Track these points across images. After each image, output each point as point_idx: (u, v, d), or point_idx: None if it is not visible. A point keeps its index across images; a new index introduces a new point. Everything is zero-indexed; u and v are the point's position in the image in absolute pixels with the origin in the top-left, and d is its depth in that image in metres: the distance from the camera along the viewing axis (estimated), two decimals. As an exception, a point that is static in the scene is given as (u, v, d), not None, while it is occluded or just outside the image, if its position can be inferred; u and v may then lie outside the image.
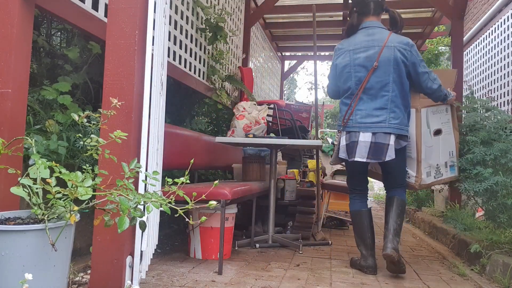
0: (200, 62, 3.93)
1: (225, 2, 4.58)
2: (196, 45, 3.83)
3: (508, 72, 5.33)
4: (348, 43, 2.58)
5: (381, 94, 2.46)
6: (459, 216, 3.16)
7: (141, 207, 1.37)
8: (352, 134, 2.51)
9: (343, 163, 2.86)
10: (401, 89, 2.48)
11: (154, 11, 1.82)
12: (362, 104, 2.50)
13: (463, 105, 3.43)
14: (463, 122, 3.17)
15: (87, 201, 1.34)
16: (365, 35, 2.54)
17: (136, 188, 1.70)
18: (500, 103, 5.50)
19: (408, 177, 2.68)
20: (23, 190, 1.29)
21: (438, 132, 2.72)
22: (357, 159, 2.47)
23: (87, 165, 1.42)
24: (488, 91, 6.00)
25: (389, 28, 2.61)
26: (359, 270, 2.57)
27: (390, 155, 2.42)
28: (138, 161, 1.66)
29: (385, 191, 2.75)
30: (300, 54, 8.75)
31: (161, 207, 1.35)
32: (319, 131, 5.51)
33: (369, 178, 2.89)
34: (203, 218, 1.45)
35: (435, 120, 2.69)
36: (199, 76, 3.90)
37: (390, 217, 2.54)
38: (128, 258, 1.71)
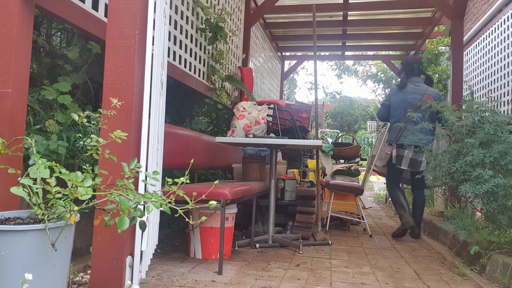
0: (200, 62, 3.93)
1: (225, 2, 4.58)
2: (196, 45, 3.83)
3: (508, 72, 5.33)
4: (401, 90, 3.98)
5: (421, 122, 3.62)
6: (459, 217, 3.16)
7: (141, 207, 1.37)
8: (400, 149, 3.84)
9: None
10: (432, 120, 3.80)
11: (154, 11, 1.82)
12: (408, 128, 3.78)
13: (461, 109, 3.44)
14: (461, 124, 3.17)
15: (87, 201, 1.34)
16: (413, 85, 3.95)
17: (136, 188, 1.70)
18: (500, 103, 5.50)
19: None
20: (23, 190, 1.29)
21: None
22: (402, 167, 3.83)
23: (87, 165, 1.42)
24: (488, 91, 6.00)
25: (425, 83, 4.02)
26: (400, 232, 3.83)
27: (423, 166, 3.61)
28: (138, 161, 1.66)
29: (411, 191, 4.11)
30: (300, 54, 8.75)
31: (161, 207, 1.35)
32: (319, 131, 5.51)
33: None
34: (203, 218, 1.45)
35: None
36: (199, 76, 3.90)
37: (415, 213, 3.91)
38: (128, 258, 1.71)
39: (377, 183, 10.17)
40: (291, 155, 4.77)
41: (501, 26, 5.63)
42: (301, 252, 3.02)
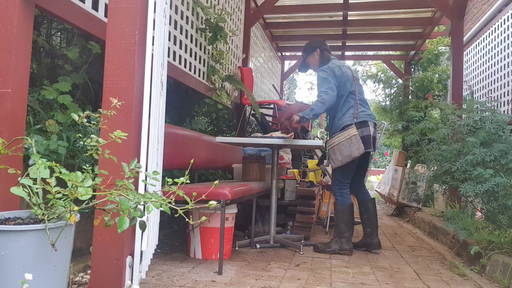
0: (200, 62, 3.93)
1: (225, 2, 4.58)
2: (196, 45, 3.83)
3: (508, 72, 5.33)
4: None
5: None
6: (459, 217, 3.16)
7: (141, 207, 1.37)
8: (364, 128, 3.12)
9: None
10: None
11: (154, 11, 1.82)
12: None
13: (463, 108, 3.44)
14: (462, 123, 3.17)
15: (87, 201, 1.34)
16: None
17: (136, 188, 1.70)
18: (500, 103, 5.50)
19: None
20: (23, 190, 1.29)
21: None
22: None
23: (87, 165, 1.42)
24: (488, 91, 6.00)
25: None
26: (338, 254, 3.02)
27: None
28: (138, 161, 1.66)
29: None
30: (300, 54, 8.74)
31: (161, 207, 1.35)
32: (319, 131, 5.50)
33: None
34: (203, 218, 1.45)
35: None
36: (199, 76, 3.89)
37: (371, 221, 3.21)
38: (128, 258, 1.71)
39: (377, 183, 10.18)
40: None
41: (501, 26, 5.63)
42: (301, 252, 3.02)
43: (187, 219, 1.43)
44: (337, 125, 3.03)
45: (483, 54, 6.31)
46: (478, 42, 6.57)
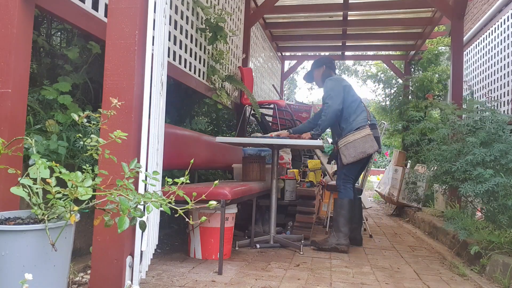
0: (200, 62, 3.93)
1: (225, 2, 4.58)
2: (196, 45, 3.83)
3: (508, 72, 5.33)
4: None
5: None
6: (459, 217, 3.16)
7: (141, 207, 1.37)
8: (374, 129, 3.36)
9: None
10: None
11: (154, 11, 1.82)
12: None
13: (463, 108, 3.44)
14: (462, 123, 3.17)
15: (87, 201, 1.34)
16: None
17: (136, 188, 1.70)
18: (500, 103, 5.50)
19: None
20: (23, 190, 1.29)
21: None
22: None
23: (87, 165, 1.41)
24: (488, 91, 6.00)
25: None
26: (335, 249, 3.10)
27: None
28: (138, 161, 1.66)
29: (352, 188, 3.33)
30: (300, 54, 8.75)
31: (161, 207, 1.35)
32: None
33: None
34: (203, 218, 1.45)
35: None
36: (199, 76, 3.89)
37: (357, 216, 3.42)
38: (128, 258, 1.71)
39: (377, 183, 10.18)
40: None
41: (501, 26, 5.63)
42: (301, 252, 3.02)
43: (187, 219, 1.43)
44: (352, 125, 3.23)
45: (483, 54, 6.31)
46: (478, 42, 6.57)
